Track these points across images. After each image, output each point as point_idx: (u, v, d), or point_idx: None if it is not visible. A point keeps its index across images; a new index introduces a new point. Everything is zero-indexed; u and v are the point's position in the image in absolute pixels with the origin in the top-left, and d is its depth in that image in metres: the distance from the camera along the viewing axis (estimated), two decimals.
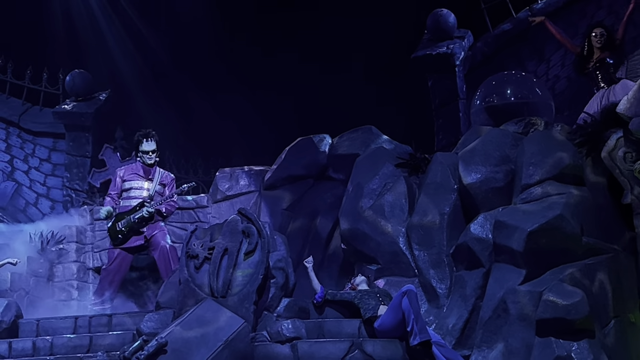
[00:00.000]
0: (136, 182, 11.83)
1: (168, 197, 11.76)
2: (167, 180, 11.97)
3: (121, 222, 11.67)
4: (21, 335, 10.59)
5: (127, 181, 11.87)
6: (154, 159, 11.89)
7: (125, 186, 11.85)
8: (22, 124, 16.77)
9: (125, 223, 11.64)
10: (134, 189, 11.80)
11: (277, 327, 9.53)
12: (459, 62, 14.30)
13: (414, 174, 11.39)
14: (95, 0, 18.23)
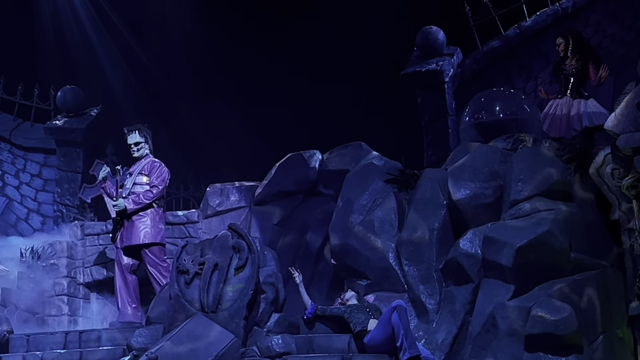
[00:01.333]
0: (127, 180, 11.80)
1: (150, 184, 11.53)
2: (149, 167, 11.66)
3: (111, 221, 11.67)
4: (11, 350, 10.57)
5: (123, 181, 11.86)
6: (136, 151, 11.72)
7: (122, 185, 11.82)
8: (13, 140, 16.76)
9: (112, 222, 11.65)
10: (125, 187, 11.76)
11: (267, 342, 9.54)
12: (448, 79, 14.37)
13: (404, 189, 11.44)
14: (86, 17, 18.27)
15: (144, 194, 11.41)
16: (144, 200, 11.41)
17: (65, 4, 18.35)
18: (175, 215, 13.44)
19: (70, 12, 18.38)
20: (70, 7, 18.34)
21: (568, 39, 12.43)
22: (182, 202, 16.10)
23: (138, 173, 11.62)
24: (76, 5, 18.26)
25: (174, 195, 16.25)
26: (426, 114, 14.43)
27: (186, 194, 16.22)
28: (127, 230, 11.39)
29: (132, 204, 11.36)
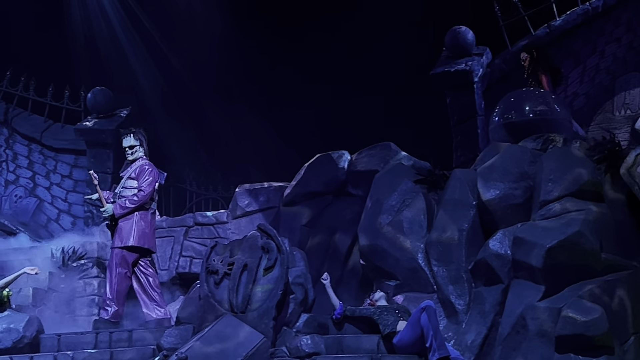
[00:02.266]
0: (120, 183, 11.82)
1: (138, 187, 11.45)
2: (137, 172, 11.51)
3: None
4: (42, 350, 10.64)
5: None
6: (130, 154, 11.58)
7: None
8: (44, 141, 16.90)
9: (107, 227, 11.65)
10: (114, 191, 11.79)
11: (296, 343, 9.54)
12: (477, 79, 14.32)
13: (433, 190, 11.42)
14: (116, 18, 18.37)
15: (130, 199, 11.31)
16: (129, 205, 11.27)
17: (95, 7, 18.46)
18: (204, 215, 13.49)
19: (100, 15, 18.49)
20: (100, 9, 18.45)
21: (532, 53, 12.42)
22: (211, 202, 16.17)
23: (128, 177, 11.54)
24: (106, 8, 18.37)
25: (203, 196, 16.33)
26: (455, 114, 14.39)
27: (215, 195, 16.28)
28: (116, 233, 11.38)
29: (119, 209, 11.27)
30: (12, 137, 17.17)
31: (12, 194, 16.82)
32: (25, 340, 10.61)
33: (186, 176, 16.28)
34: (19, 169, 16.93)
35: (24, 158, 16.97)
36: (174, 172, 15.88)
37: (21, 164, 16.97)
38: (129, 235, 11.20)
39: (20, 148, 17.06)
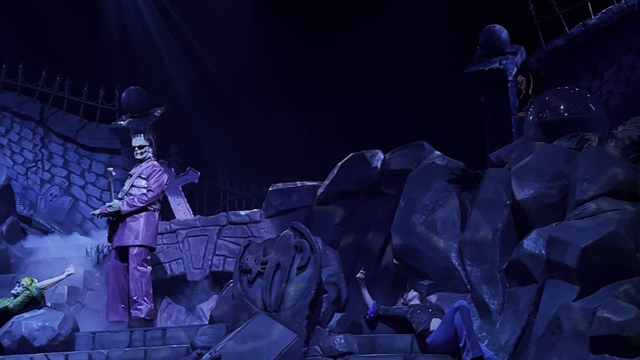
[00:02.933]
0: (127, 181, 11.91)
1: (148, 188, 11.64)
2: (148, 171, 11.76)
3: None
4: (77, 348, 10.73)
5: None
6: (139, 154, 11.84)
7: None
8: (79, 140, 17.04)
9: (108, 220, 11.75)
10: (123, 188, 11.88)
11: (329, 342, 9.55)
12: (511, 78, 14.25)
13: (467, 189, 11.37)
14: (151, 18, 18.48)
15: (139, 197, 11.56)
16: (138, 203, 11.54)
17: (130, 7, 18.59)
18: (237, 214, 13.51)
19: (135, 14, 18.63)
20: (135, 9, 18.58)
21: (529, 76, 12.34)
22: (244, 201, 16.22)
23: (137, 176, 11.75)
24: (141, 8, 18.49)
25: (237, 195, 16.38)
26: (489, 113, 14.33)
27: (248, 194, 16.33)
28: (120, 231, 11.54)
29: (126, 206, 11.52)
30: (47, 136, 17.33)
31: (47, 193, 16.97)
32: (61, 338, 10.69)
33: (220, 175, 16.34)
34: (55, 168, 17.09)
35: (59, 157, 17.12)
36: (208, 171, 15.97)
37: (56, 163, 17.12)
38: (142, 234, 11.50)
39: (55, 147, 17.22)
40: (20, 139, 17.54)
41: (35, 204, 16.91)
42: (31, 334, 10.63)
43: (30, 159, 17.36)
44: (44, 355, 10.38)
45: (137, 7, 18.59)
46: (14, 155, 17.41)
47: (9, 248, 13.61)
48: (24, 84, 17.88)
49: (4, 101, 17.90)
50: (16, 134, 17.61)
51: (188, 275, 13.35)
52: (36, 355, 10.39)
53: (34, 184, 17.11)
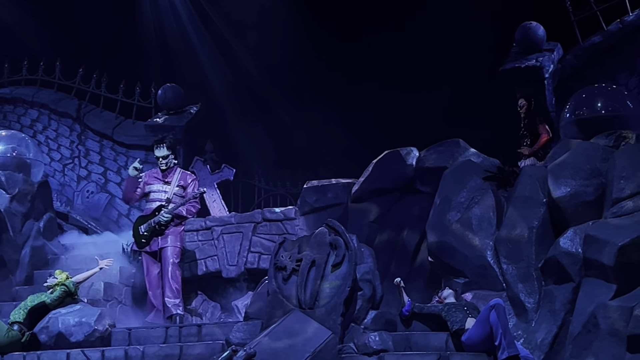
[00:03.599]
0: (155, 185, 12.04)
1: (188, 198, 11.93)
2: (187, 181, 12.13)
3: (143, 225, 11.92)
4: (114, 344, 10.80)
5: (148, 185, 12.09)
6: (164, 164, 12.06)
7: (147, 190, 12.09)
8: (115, 137, 17.14)
9: (147, 227, 11.89)
10: (153, 192, 12.02)
11: (364, 339, 9.54)
12: (548, 75, 14.16)
13: (502, 187, 11.31)
14: (187, 17, 18.56)
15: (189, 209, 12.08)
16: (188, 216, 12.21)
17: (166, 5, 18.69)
18: (272, 211, 13.53)
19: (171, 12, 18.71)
20: (171, 7, 18.66)
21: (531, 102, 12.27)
22: (279, 198, 16.22)
23: (177, 185, 12.05)
24: (177, 6, 18.57)
25: (272, 192, 16.39)
26: None
27: (283, 191, 16.34)
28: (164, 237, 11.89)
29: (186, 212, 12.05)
30: (84, 133, 17.46)
31: (84, 190, 17.08)
32: (97, 334, 10.77)
33: (255, 172, 16.37)
34: (91, 164, 17.21)
35: (95, 154, 17.24)
36: (243, 168, 16.00)
37: (93, 159, 17.24)
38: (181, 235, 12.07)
39: (92, 144, 17.34)
40: (57, 136, 17.69)
41: (72, 201, 17.03)
42: (68, 330, 10.71)
43: (67, 155, 17.49)
44: (81, 351, 10.44)
45: (174, 5, 18.68)
46: (52, 152, 17.56)
47: (46, 244, 13.71)
48: (62, 81, 18.03)
49: (41, 98, 18.06)
50: (53, 131, 17.76)
51: (223, 272, 13.39)
52: (73, 351, 10.46)
53: (70, 180, 17.24)
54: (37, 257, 13.37)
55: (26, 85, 18.42)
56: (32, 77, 18.35)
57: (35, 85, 18.35)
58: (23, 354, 10.55)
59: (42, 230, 13.74)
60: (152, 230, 11.85)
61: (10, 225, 13.10)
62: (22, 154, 14.45)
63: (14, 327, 10.71)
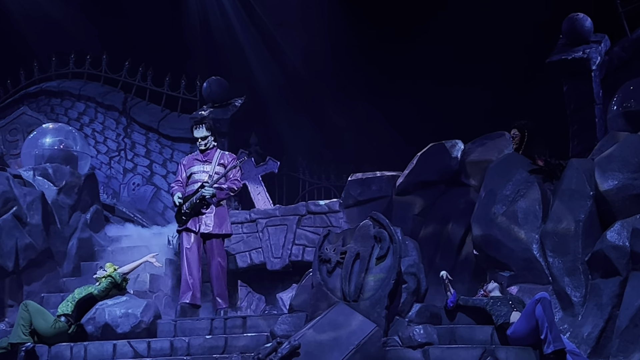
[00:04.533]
0: (196, 166, 11.91)
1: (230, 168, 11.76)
2: (227, 160, 11.94)
3: (185, 205, 11.74)
4: (159, 335, 10.87)
5: (189, 168, 11.99)
6: (204, 145, 11.92)
7: (188, 173, 11.95)
8: (161, 130, 17.25)
9: (189, 205, 11.68)
10: (194, 173, 11.87)
11: (408, 332, 9.52)
12: (595, 67, 14.02)
13: (548, 180, 11.22)
14: (232, 10, 18.62)
15: (230, 187, 11.75)
16: (231, 193, 11.86)
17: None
18: (316, 204, 13.55)
19: (216, 5, 18.79)
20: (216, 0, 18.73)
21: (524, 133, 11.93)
22: (323, 191, 16.24)
23: (217, 164, 11.84)
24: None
25: (316, 185, 16.41)
26: (572, 103, 14.11)
27: (327, 184, 16.35)
28: (207, 218, 11.62)
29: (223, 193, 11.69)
30: (130, 126, 17.59)
31: (130, 182, 17.22)
32: (143, 326, 10.84)
33: (299, 165, 16.40)
34: (137, 157, 17.33)
35: (141, 147, 17.36)
36: (287, 160, 16.04)
37: (139, 152, 17.36)
38: (227, 223, 11.72)
39: (138, 137, 17.47)
40: (103, 128, 17.84)
41: (118, 193, 17.17)
42: (114, 321, 10.80)
43: (113, 148, 17.64)
44: (127, 342, 10.53)
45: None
46: (98, 145, 17.71)
47: (92, 236, 13.86)
48: (108, 74, 18.18)
49: (88, 92, 18.22)
50: (100, 124, 17.91)
51: (268, 264, 13.44)
52: (119, 342, 10.55)
53: (117, 173, 17.38)
54: (84, 249, 13.52)
55: (73, 78, 18.60)
56: (79, 70, 18.52)
57: (82, 79, 18.52)
58: (70, 345, 10.67)
59: (88, 222, 13.89)
60: (193, 206, 11.67)
61: (58, 217, 13.25)
62: (69, 147, 14.64)
63: (61, 319, 10.82)
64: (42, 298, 12.19)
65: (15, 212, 12.24)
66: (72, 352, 10.59)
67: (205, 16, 18.83)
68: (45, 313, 10.88)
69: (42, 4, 19.10)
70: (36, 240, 12.46)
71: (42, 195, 12.82)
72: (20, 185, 12.69)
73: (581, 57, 14.00)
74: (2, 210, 12.11)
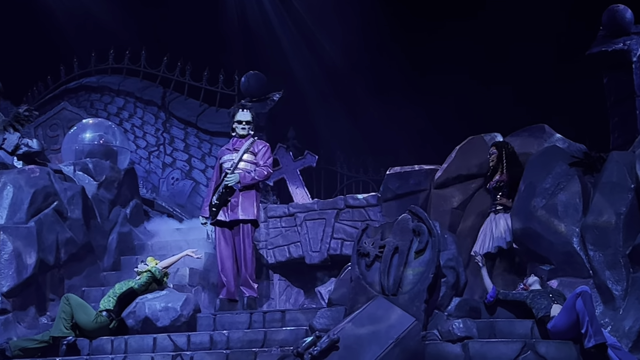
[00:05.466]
0: (226, 156, 11.88)
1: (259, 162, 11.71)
2: (259, 147, 11.85)
3: (214, 196, 11.73)
4: (199, 329, 10.93)
5: (220, 159, 11.97)
6: (247, 130, 11.89)
7: (220, 163, 11.95)
8: (199, 124, 17.31)
9: (217, 195, 11.68)
10: (223, 163, 11.83)
11: (448, 326, 9.48)
12: (635, 59, 13.87)
13: (589, 173, 11.13)
14: (269, 4, 18.64)
15: (259, 173, 11.68)
16: (257, 177, 11.69)
17: None
18: (355, 198, 13.55)
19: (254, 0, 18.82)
20: None
21: (502, 152, 11.77)
22: (361, 185, 16.24)
23: (246, 151, 11.76)
24: None
25: (354, 179, 16.41)
26: (612, 95, 13.99)
27: (366, 178, 16.34)
28: (233, 205, 11.58)
29: (248, 179, 11.58)
30: (169, 120, 17.67)
31: (169, 177, 17.30)
32: (183, 319, 10.91)
33: (337, 159, 16.40)
34: (176, 152, 17.41)
35: (180, 141, 17.43)
36: (325, 154, 16.05)
37: (178, 147, 17.44)
38: (254, 210, 11.62)
39: (177, 131, 17.54)
40: (143, 123, 17.94)
41: (157, 187, 17.27)
42: (154, 315, 10.87)
43: (152, 143, 17.73)
44: (167, 336, 10.59)
45: None
46: (137, 140, 17.81)
47: (132, 230, 13.95)
48: (147, 69, 18.27)
49: (127, 87, 18.33)
50: (139, 119, 18.01)
51: (306, 258, 13.46)
52: (159, 336, 10.62)
53: (156, 167, 17.47)
54: (124, 243, 13.60)
55: (112, 74, 18.73)
56: (118, 65, 18.64)
57: (121, 74, 18.64)
58: (111, 339, 10.75)
59: (128, 217, 13.98)
60: (220, 197, 11.66)
61: (98, 211, 13.34)
62: (109, 142, 14.73)
63: (103, 313, 10.91)
64: (83, 292, 12.29)
65: (56, 207, 12.34)
66: (113, 345, 10.68)
67: (242, 10, 18.88)
68: (86, 307, 10.97)
69: (82, 0, 19.25)
70: (77, 235, 12.56)
71: (83, 190, 12.92)
72: (61, 180, 12.79)
73: (622, 48, 13.87)
74: (43, 205, 12.21)
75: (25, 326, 11.42)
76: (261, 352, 9.92)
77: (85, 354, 10.67)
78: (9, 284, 11.35)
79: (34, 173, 12.29)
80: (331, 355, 9.09)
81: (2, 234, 11.49)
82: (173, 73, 17.88)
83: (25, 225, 11.85)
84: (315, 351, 9.05)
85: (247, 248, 11.56)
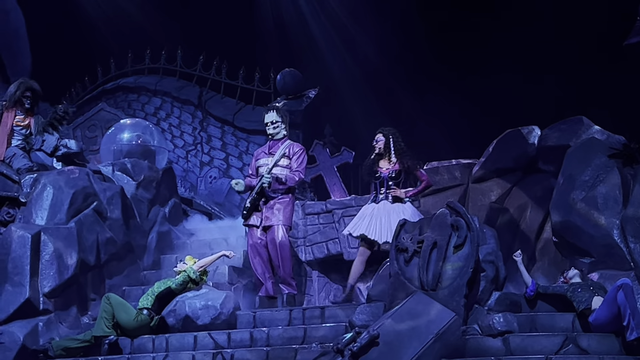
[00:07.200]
0: (262, 159, 11.81)
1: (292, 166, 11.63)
2: (293, 149, 11.74)
3: (248, 199, 11.72)
4: (239, 326, 10.95)
5: (256, 160, 11.92)
6: (272, 128, 11.80)
7: (256, 166, 11.89)
8: (236, 123, 17.37)
9: (250, 198, 11.65)
10: (261, 166, 11.79)
11: (488, 321, 9.45)
12: None
13: (629, 164, 11.03)
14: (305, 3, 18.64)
15: (291, 177, 11.57)
16: (290, 183, 11.56)
17: None
18: None
19: None
20: None
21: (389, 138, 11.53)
22: None
23: (281, 156, 11.69)
24: None
25: None
26: None
27: None
28: (267, 211, 11.54)
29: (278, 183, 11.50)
30: (206, 119, 17.75)
31: (207, 175, 17.38)
32: (223, 317, 10.94)
33: None
34: (213, 150, 17.49)
35: (217, 140, 17.51)
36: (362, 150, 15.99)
37: (215, 145, 17.51)
38: (289, 215, 11.55)
39: (213, 130, 17.62)
40: (180, 122, 18.03)
41: (195, 186, 17.35)
42: (195, 313, 10.91)
43: (190, 142, 17.82)
44: (208, 334, 10.63)
45: None
46: (175, 139, 17.91)
47: (171, 229, 14.01)
48: (183, 69, 18.37)
49: (164, 86, 18.43)
50: (176, 118, 18.11)
51: (345, 255, 13.46)
52: (200, 334, 10.66)
53: (194, 166, 17.56)
54: (163, 242, 13.67)
55: (149, 74, 18.84)
56: (154, 65, 18.76)
57: (157, 74, 18.75)
58: (152, 337, 10.81)
59: (167, 216, 14.04)
60: (253, 201, 11.64)
61: (137, 211, 13.42)
62: (146, 142, 14.81)
63: (143, 312, 10.97)
64: (124, 291, 12.37)
65: (95, 207, 12.42)
66: (154, 344, 10.74)
67: (277, 7, 18.89)
68: (127, 306, 11.04)
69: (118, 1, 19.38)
70: (117, 235, 12.63)
71: (122, 190, 13.00)
72: (100, 180, 12.88)
73: None
74: (83, 205, 12.29)
75: (67, 326, 11.50)
76: (301, 348, 9.93)
77: (127, 353, 10.74)
78: (50, 285, 11.44)
79: (74, 174, 12.38)
80: (371, 351, 9.09)
81: (43, 235, 11.58)
82: (209, 72, 17.96)
83: (65, 226, 11.93)
84: (355, 347, 9.06)
85: (282, 249, 11.53)
